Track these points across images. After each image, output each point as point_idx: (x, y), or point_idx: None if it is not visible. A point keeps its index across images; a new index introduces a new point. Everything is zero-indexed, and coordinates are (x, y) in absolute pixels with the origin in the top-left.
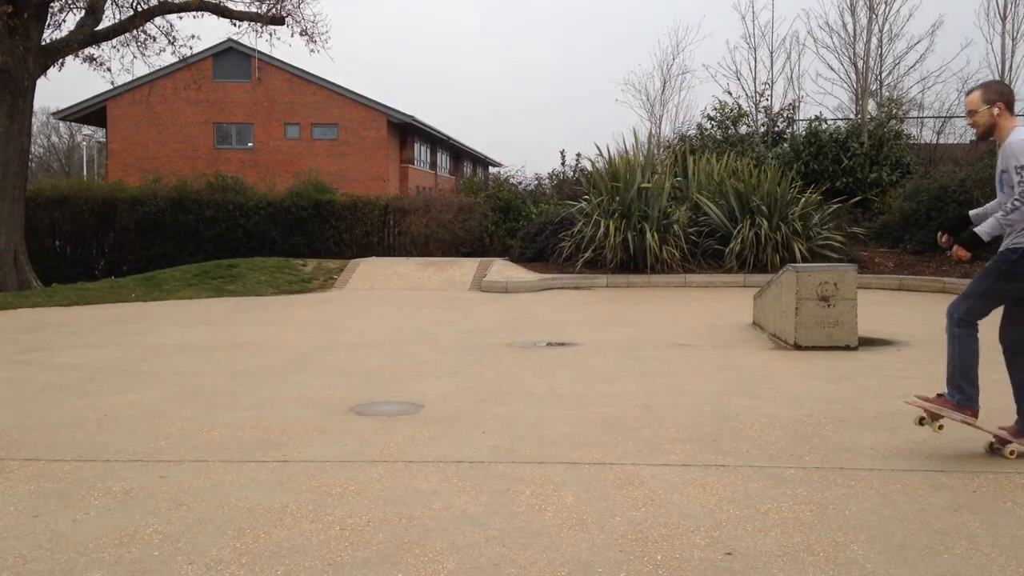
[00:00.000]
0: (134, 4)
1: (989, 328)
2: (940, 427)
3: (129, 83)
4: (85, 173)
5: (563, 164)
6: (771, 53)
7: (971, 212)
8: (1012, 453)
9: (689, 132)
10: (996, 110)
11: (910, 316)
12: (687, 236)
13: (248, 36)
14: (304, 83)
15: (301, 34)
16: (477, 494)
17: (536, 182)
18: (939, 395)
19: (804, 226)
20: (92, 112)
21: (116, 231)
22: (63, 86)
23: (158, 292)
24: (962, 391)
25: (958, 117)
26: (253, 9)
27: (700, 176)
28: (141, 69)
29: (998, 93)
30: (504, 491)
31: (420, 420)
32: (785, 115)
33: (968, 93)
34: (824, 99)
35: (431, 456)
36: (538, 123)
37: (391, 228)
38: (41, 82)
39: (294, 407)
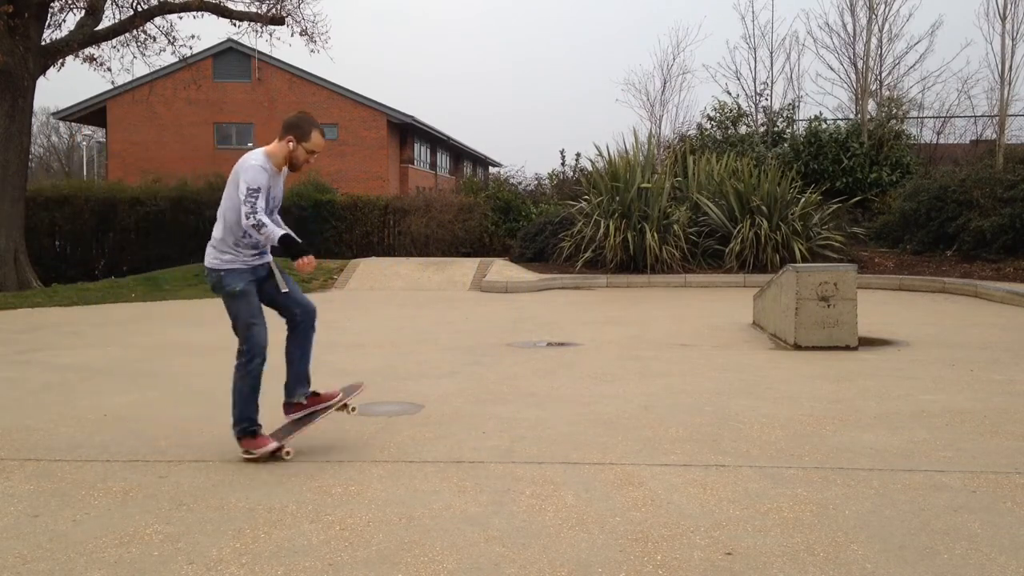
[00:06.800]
0: (134, 4)
1: None
2: None
3: (129, 83)
4: (85, 173)
5: (563, 164)
6: (771, 53)
7: None
8: None
9: (689, 132)
10: None
11: (910, 316)
12: (687, 236)
13: (248, 36)
14: (304, 83)
15: (301, 34)
16: (477, 494)
17: (536, 182)
18: None
19: (804, 226)
20: (92, 112)
21: (116, 231)
22: (63, 86)
23: (158, 292)
24: None
25: (958, 117)
26: (253, 9)
27: (700, 176)
28: (141, 69)
29: None
30: (504, 491)
31: (420, 420)
32: (785, 115)
33: None
34: (824, 99)
35: (431, 456)
36: (538, 123)
37: (391, 228)
38: (41, 82)
39: None
